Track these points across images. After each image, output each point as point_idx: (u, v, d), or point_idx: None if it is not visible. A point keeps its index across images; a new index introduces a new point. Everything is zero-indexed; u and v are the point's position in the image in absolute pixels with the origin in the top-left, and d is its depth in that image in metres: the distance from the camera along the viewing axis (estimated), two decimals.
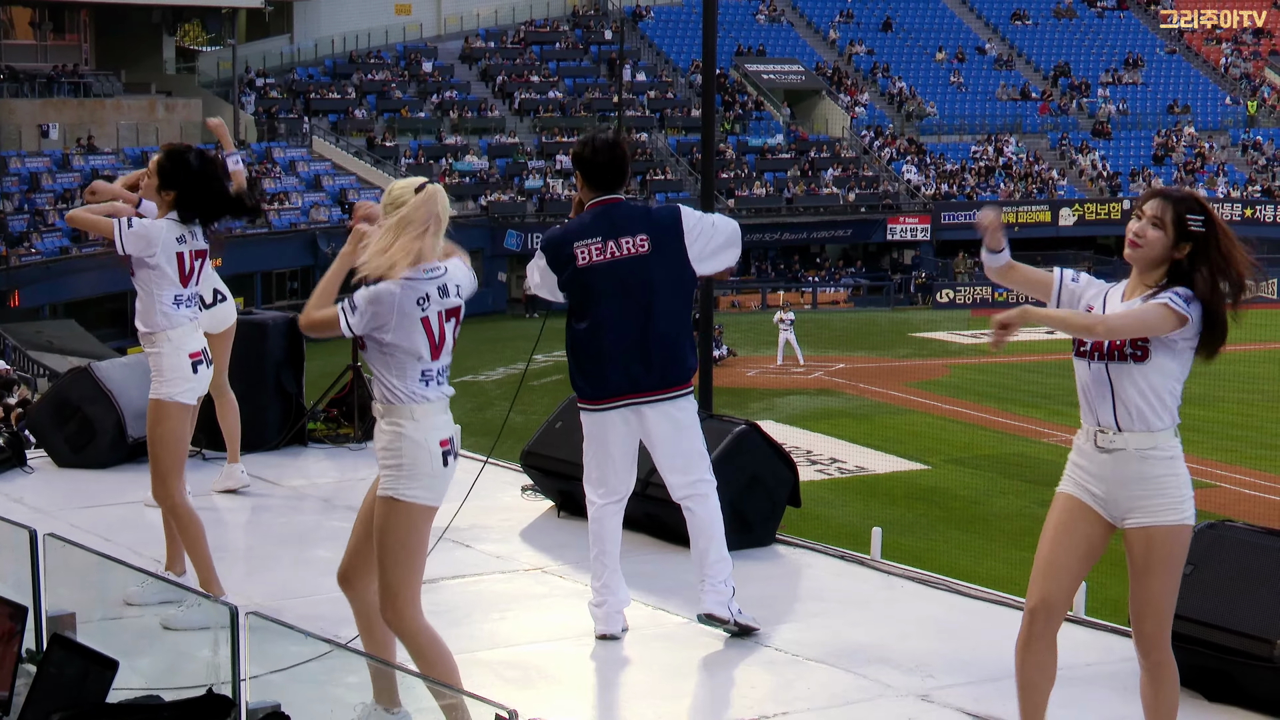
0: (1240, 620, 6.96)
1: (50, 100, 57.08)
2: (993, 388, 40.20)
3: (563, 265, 7.79)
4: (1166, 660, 5.88)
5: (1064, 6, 79.29)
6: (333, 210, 55.36)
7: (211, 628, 5.79)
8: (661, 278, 7.74)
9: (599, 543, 7.93)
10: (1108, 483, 5.78)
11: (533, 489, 10.87)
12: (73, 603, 6.44)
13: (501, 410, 36.76)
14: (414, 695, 6.03)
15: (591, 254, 7.74)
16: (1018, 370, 41.46)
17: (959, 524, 25.79)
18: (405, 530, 6.17)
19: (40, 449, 11.90)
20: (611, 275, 7.73)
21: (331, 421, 12.82)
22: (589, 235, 7.76)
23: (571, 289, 7.82)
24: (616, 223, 7.76)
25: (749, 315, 56.23)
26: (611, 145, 7.92)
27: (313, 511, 10.75)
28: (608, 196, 7.84)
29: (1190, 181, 67.94)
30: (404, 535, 6.18)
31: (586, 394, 7.88)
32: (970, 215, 65.11)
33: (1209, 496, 26.62)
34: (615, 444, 7.87)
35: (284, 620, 5.76)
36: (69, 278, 47.00)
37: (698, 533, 7.87)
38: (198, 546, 8.07)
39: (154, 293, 8.17)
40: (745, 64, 70.95)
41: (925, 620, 8.40)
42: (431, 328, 6.14)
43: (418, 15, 70.48)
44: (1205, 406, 34.27)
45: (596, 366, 7.82)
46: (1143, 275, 5.79)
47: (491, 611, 8.46)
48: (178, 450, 8.15)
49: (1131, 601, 5.85)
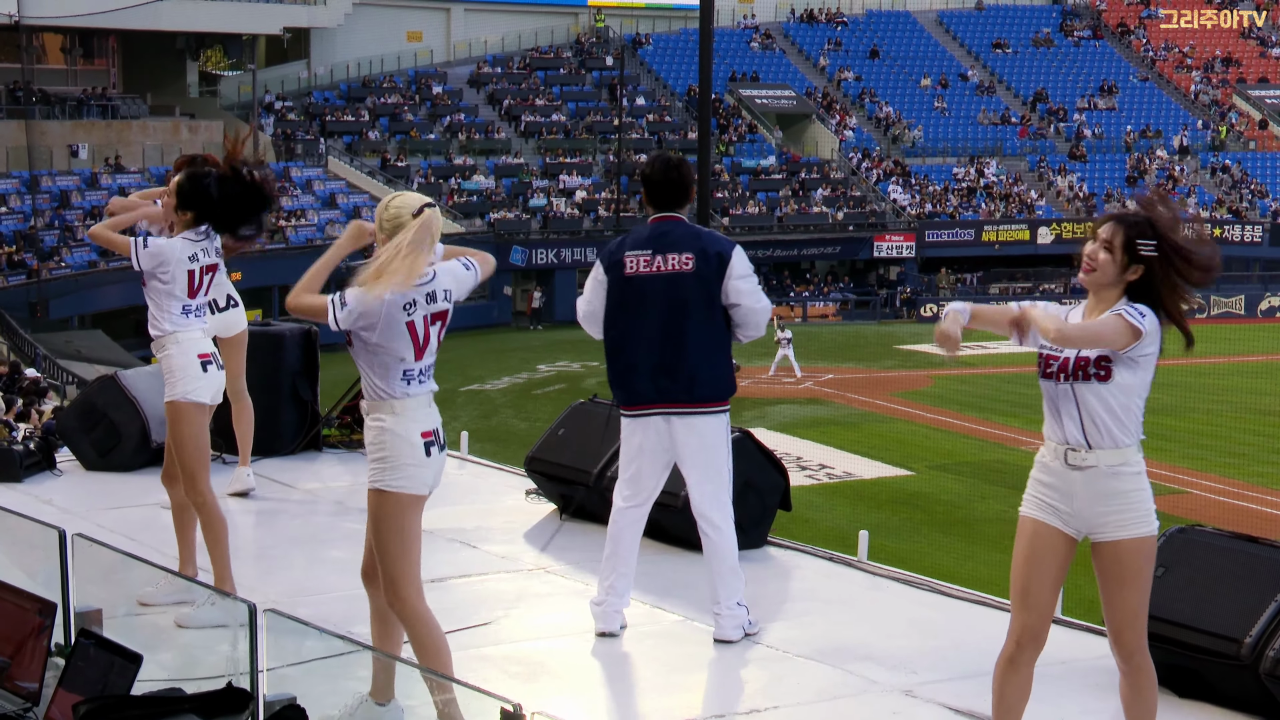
0: (1209, 620, 6.96)
1: (80, 122, 57.10)
2: (974, 398, 40.18)
3: (612, 271, 7.76)
4: (1145, 664, 5.84)
5: (1042, 35, 79.37)
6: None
7: (228, 625, 5.78)
8: (697, 298, 7.64)
9: (614, 544, 7.91)
10: (1076, 499, 5.70)
11: (536, 493, 10.87)
12: (99, 599, 6.43)
13: (506, 417, 36.77)
14: (411, 689, 6.02)
15: (640, 265, 7.70)
16: (998, 381, 41.47)
17: (942, 527, 25.76)
18: (395, 519, 6.18)
19: (69, 453, 11.91)
20: (651, 287, 7.67)
21: (345, 428, 12.81)
22: (641, 248, 7.72)
23: (613, 295, 7.76)
24: (669, 240, 7.70)
25: None
26: (672, 165, 7.83)
27: (326, 514, 10.74)
28: (667, 214, 7.78)
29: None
30: (395, 524, 6.19)
31: (619, 399, 7.87)
32: (954, 234, 65.27)
33: (1178, 502, 26.61)
34: (644, 449, 7.83)
35: (299, 617, 5.75)
36: (96, 290, 47.00)
37: (711, 555, 7.82)
38: (220, 545, 8.04)
39: (162, 303, 8.16)
40: (739, 89, 70.99)
41: (909, 619, 8.40)
42: (416, 331, 6.16)
43: (428, 42, 70.53)
44: (1175, 416, 34.29)
45: (627, 374, 7.77)
46: (1098, 298, 5.72)
47: (496, 609, 8.45)
48: (198, 449, 8.11)
49: (1107, 612, 5.79)
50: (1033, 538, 5.77)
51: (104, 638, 5.66)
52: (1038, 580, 5.75)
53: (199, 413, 8.15)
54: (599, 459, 10.03)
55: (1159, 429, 36.64)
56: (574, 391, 39.23)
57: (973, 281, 63.70)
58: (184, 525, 8.30)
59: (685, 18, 73.50)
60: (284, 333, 12.36)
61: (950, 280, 63.78)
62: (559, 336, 52.47)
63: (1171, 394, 34.58)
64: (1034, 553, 5.76)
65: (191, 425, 8.11)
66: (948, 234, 65.31)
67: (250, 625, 5.41)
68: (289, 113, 64.02)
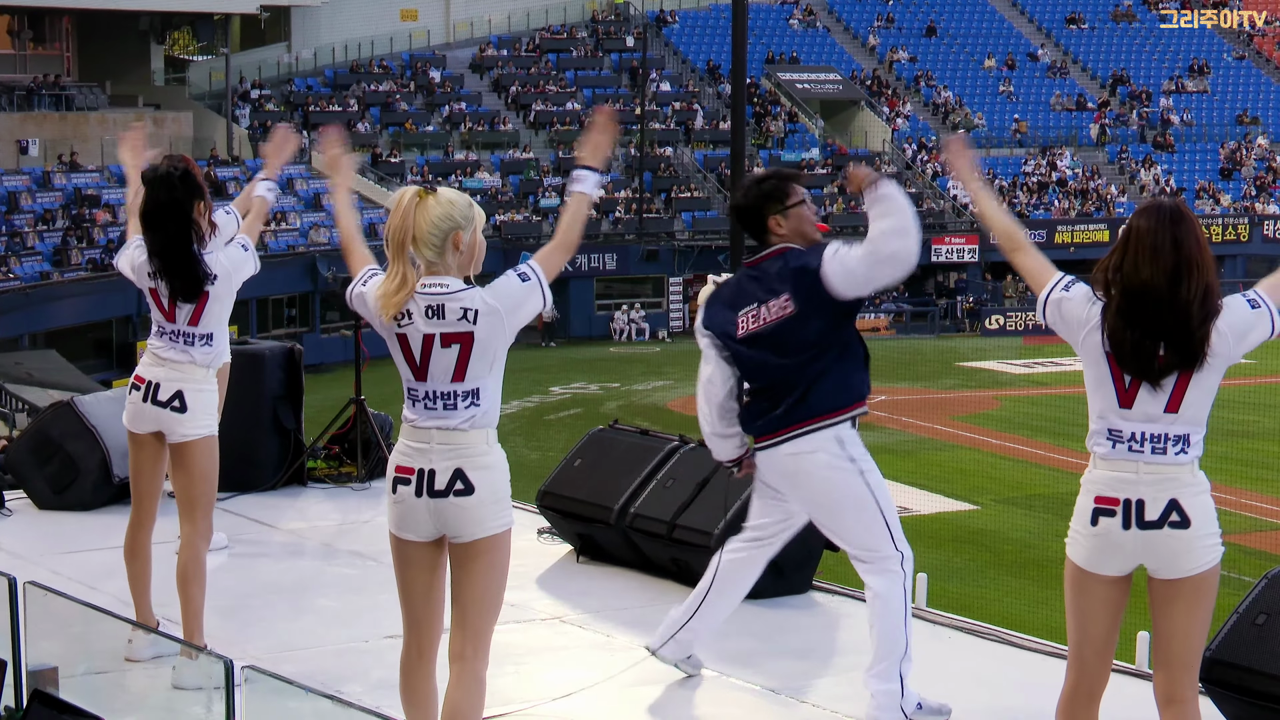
0: None
1: (30, 114, 57.32)
2: (1046, 421, 40.11)
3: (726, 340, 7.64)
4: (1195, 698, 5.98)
5: (1123, 9, 79.29)
6: (333, 231, 55.47)
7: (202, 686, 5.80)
8: (817, 331, 7.41)
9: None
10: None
11: (550, 532, 10.88)
12: (55, 656, 6.45)
13: (515, 446, 36.80)
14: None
15: (749, 323, 7.54)
16: (1072, 402, 41.29)
17: (1011, 569, 25.72)
18: (392, 553, 6.32)
19: (19, 490, 11.93)
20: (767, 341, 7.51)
21: (333, 460, 12.82)
22: (746, 303, 7.54)
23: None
24: (764, 283, 7.49)
25: None
26: (741, 189, 7.75)
27: (313, 557, 10.76)
28: (760, 250, 7.59)
29: (1264, 198, 67.92)
30: (393, 558, 6.32)
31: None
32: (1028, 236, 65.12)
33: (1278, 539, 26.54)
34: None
35: (282, 675, 5.76)
36: (50, 305, 47.09)
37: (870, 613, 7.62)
38: (202, 595, 8.08)
39: (224, 321, 8.30)
40: (778, 73, 71.05)
41: (975, 674, 8.38)
42: (410, 348, 6.15)
43: (424, 21, 70.66)
44: (1275, 441, 34.15)
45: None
46: None
47: (506, 664, 8.45)
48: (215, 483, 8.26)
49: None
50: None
51: (60, 699, 5.67)
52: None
53: (131, 441, 8.30)
54: (620, 494, 10.03)
55: (1260, 456, 36.46)
56: (591, 417, 39.21)
57: None
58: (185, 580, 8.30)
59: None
60: (263, 352, 12.39)
61: (1018, 288, 63.71)
62: (574, 355, 52.55)
63: (1273, 416, 34.46)
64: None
65: (131, 458, 8.27)
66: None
67: (227, 685, 5.42)
68: (267, 102, 64.24)
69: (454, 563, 6.25)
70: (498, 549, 6.24)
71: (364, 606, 9.49)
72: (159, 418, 8.11)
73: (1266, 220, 66.73)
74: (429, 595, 6.32)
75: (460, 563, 6.23)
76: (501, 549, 6.26)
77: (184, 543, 8.07)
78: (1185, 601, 5.79)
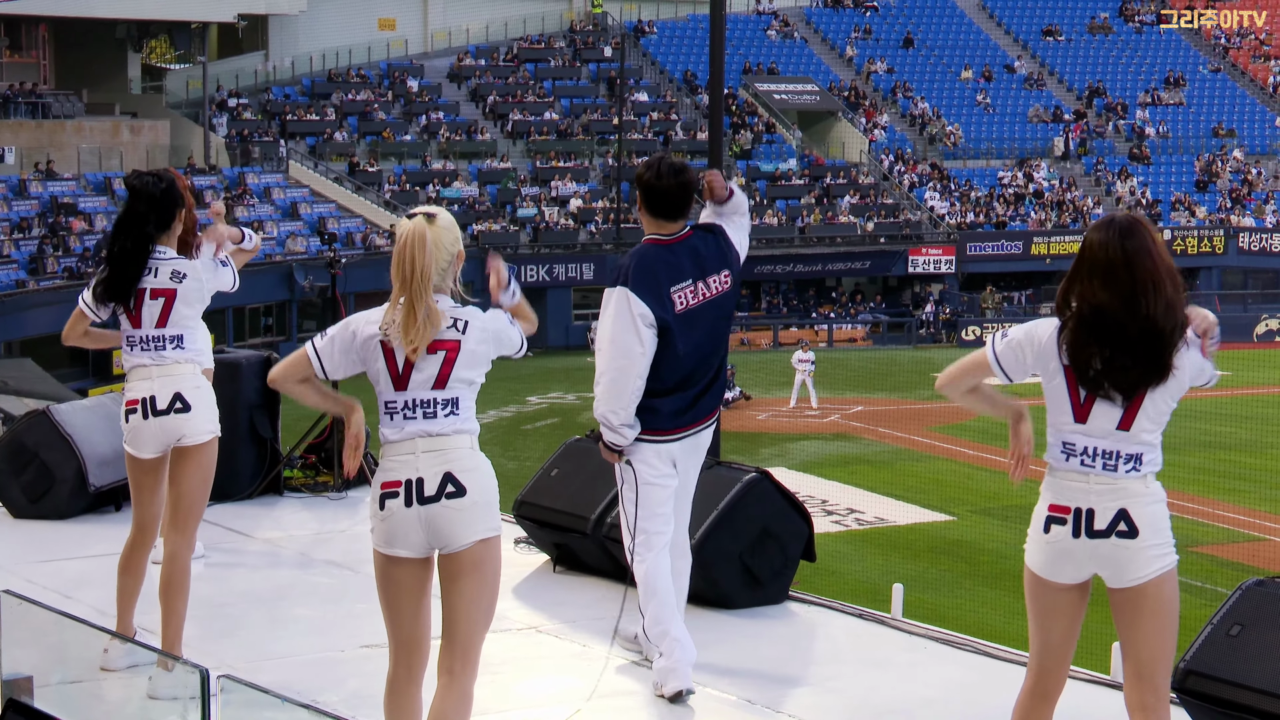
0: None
1: (6, 122, 57.20)
2: None
3: (664, 315, 7.80)
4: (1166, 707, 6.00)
5: (1099, 21, 79.55)
6: (310, 240, 55.45)
7: (177, 696, 5.78)
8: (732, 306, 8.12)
9: (666, 590, 8.04)
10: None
11: (526, 541, 10.87)
12: (30, 666, 6.43)
13: (492, 455, 36.74)
14: None
15: (688, 299, 7.86)
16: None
17: (987, 580, 25.76)
18: (377, 576, 6.25)
19: None
20: (702, 317, 7.91)
21: (309, 469, 12.82)
22: (682, 279, 7.85)
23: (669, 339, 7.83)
24: (702, 259, 7.95)
25: (760, 354, 56.23)
26: (680, 168, 7.98)
27: (289, 566, 10.74)
28: (684, 227, 7.99)
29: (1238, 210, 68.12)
30: (377, 581, 6.25)
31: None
32: (999, 247, 65.34)
33: (1257, 550, 26.61)
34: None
35: (258, 684, 5.75)
36: (25, 314, 46.93)
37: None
38: (185, 607, 8.01)
39: (201, 327, 8.26)
40: (755, 83, 71.15)
41: (952, 684, 8.39)
42: (395, 356, 6.12)
43: (402, 31, 70.69)
44: (1252, 453, 34.24)
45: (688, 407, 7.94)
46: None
47: (482, 674, 8.40)
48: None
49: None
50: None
51: (35, 709, 5.66)
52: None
53: (130, 461, 8.15)
54: (597, 503, 10.03)
55: (1234, 468, 36.57)
56: (567, 427, 39.23)
57: (1021, 301, 63.71)
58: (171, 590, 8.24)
59: (693, 2, 73.77)
60: (240, 360, 12.36)
61: (996, 300, 63.82)
62: (551, 364, 52.49)
63: (1248, 428, 34.52)
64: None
65: (130, 474, 8.17)
66: (992, 247, 65.34)
67: (202, 694, 5.41)
68: (245, 111, 64.18)
69: (444, 577, 6.21)
70: (488, 559, 6.21)
71: (340, 616, 9.48)
72: (164, 428, 7.96)
73: (1242, 233, 66.91)
74: (417, 616, 6.28)
75: (451, 576, 6.19)
76: (492, 559, 6.23)
77: (170, 553, 7.95)
78: (1143, 610, 5.82)
